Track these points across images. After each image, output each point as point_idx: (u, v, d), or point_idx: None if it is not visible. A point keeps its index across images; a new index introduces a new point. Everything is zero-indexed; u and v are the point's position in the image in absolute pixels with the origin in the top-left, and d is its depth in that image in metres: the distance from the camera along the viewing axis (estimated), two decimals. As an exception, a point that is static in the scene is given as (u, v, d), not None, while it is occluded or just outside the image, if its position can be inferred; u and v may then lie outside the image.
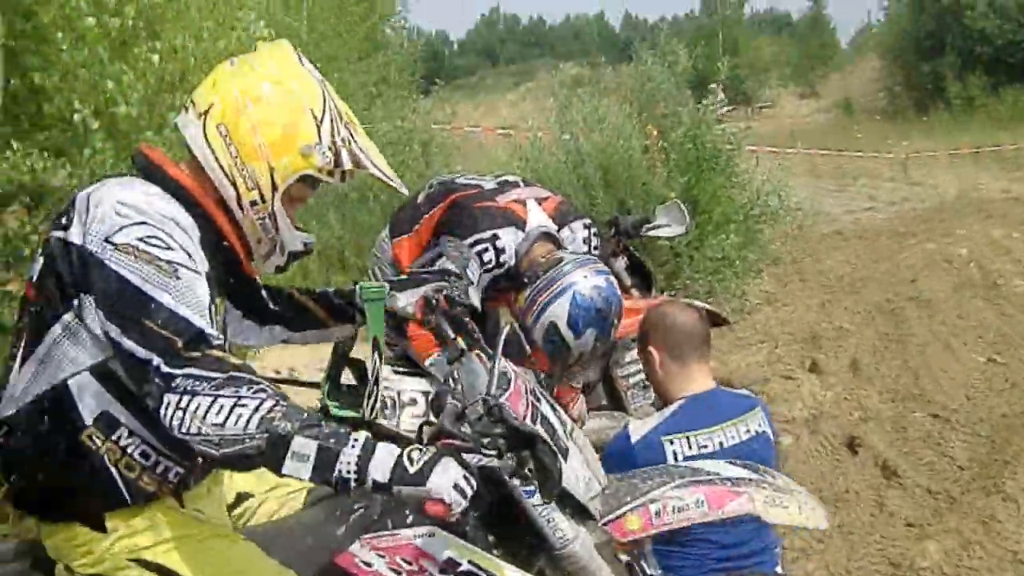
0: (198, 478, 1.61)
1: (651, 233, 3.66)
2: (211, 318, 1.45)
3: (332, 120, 1.57)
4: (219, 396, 1.31)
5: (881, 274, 8.23)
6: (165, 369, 1.35)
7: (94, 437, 1.47)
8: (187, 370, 1.34)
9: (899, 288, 7.49)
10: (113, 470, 1.48)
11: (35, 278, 1.50)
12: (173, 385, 1.33)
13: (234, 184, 1.54)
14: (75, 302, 1.44)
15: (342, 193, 8.46)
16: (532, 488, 1.61)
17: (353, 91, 10.21)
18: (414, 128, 9.11)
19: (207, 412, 1.31)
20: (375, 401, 1.94)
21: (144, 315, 1.38)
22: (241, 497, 1.77)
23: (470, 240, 2.78)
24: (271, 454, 1.30)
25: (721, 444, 2.22)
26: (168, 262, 1.41)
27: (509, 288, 2.85)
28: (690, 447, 2.20)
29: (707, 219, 7.13)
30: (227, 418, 1.30)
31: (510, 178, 3.11)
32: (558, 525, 1.74)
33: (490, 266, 2.81)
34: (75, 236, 1.44)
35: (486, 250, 2.79)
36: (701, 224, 7.07)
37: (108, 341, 1.41)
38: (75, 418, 1.46)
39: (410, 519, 1.69)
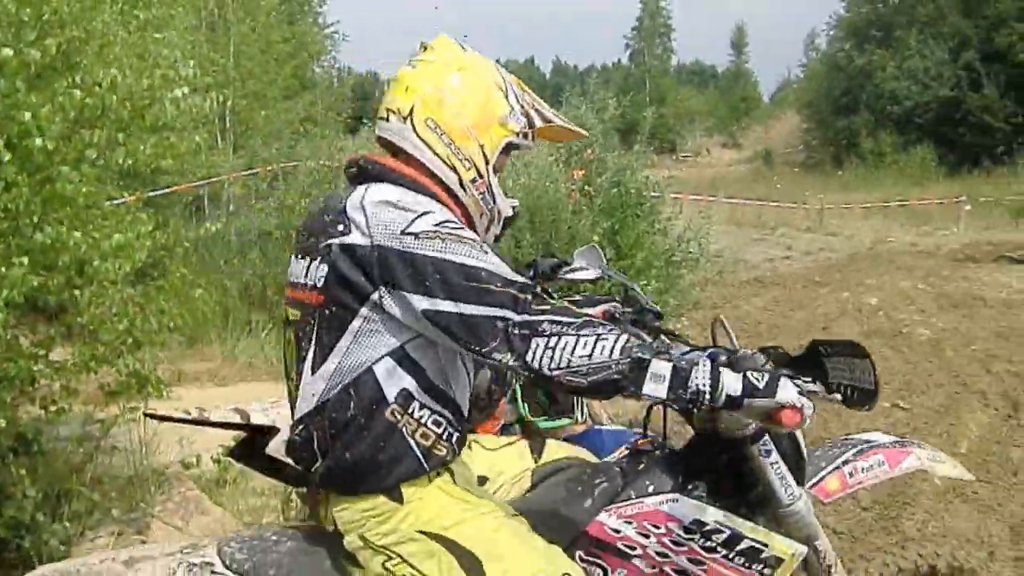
0: (460, 449, 1.75)
1: (568, 276, 3.73)
2: None
3: (512, 89, 1.77)
4: (581, 335, 1.51)
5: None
6: (522, 319, 1.53)
7: (395, 413, 1.63)
8: (546, 317, 1.53)
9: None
10: (411, 441, 1.64)
11: (319, 285, 1.63)
12: (540, 330, 1.52)
13: (454, 168, 1.71)
14: (374, 296, 1.59)
15: (265, 232, 8.43)
16: (770, 447, 1.80)
17: (279, 128, 10.25)
18: (340, 166, 9.11)
19: (575, 347, 1.50)
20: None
21: (480, 281, 1.54)
22: (480, 480, 1.85)
23: None
24: (634, 377, 1.50)
25: None
26: (471, 239, 1.60)
27: None
28: None
29: (630, 264, 7.32)
30: (593, 350, 1.50)
31: None
32: (788, 482, 1.85)
33: None
34: (360, 239, 1.59)
35: None
36: (624, 268, 7.26)
37: (429, 319, 1.56)
38: (380, 398, 1.63)
39: (651, 488, 1.83)
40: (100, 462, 3.79)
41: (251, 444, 2.68)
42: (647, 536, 1.78)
